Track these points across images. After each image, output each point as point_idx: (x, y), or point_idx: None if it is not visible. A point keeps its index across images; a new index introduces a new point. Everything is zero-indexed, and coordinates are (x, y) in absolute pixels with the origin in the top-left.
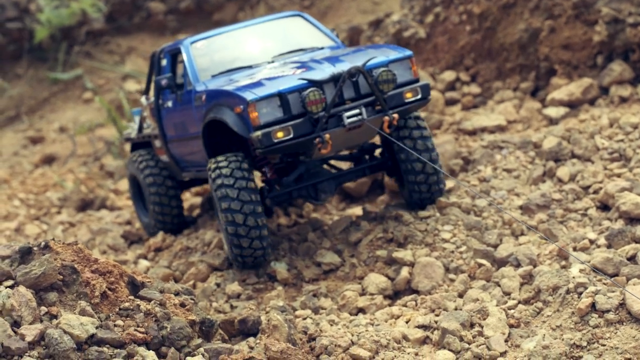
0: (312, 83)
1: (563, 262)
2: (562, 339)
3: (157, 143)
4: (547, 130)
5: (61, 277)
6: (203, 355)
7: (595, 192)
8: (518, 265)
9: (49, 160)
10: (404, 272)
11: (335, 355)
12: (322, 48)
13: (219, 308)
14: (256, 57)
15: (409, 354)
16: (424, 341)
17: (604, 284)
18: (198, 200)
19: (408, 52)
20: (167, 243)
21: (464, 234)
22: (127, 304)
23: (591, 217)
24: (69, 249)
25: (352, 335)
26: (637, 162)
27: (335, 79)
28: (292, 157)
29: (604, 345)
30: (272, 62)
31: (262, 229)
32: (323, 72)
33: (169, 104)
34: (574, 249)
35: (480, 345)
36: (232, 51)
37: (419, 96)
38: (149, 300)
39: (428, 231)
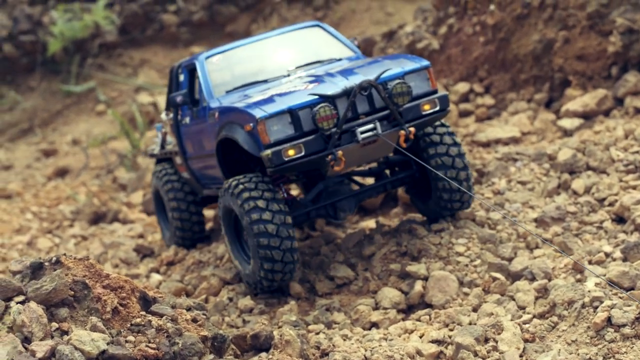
0: (323, 98)
1: (578, 276)
2: (578, 354)
3: (178, 160)
4: (562, 142)
5: (72, 292)
6: None
7: (611, 204)
8: (533, 279)
9: (61, 173)
10: (418, 286)
11: None
12: (340, 59)
13: (232, 323)
14: (272, 70)
15: None
16: (437, 356)
17: (620, 297)
18: (211, 213)
19: (425, 63)
20: (180, 257)
21: (478, 247)
22: (138, 320)
23: (607, 230)
24: (81, 264)
25: (366, 350)
26: None
27: (347, 93)
28: (309, 174)
29: (619, 359)
30: (288, 75)
31: (293, 241)
32: (335, 86)
33: (187, 120)
34: (589, 262)
35: None
36: (248, 65)
37: (437, 108)
38: (161, 315)
39: (442, 244)
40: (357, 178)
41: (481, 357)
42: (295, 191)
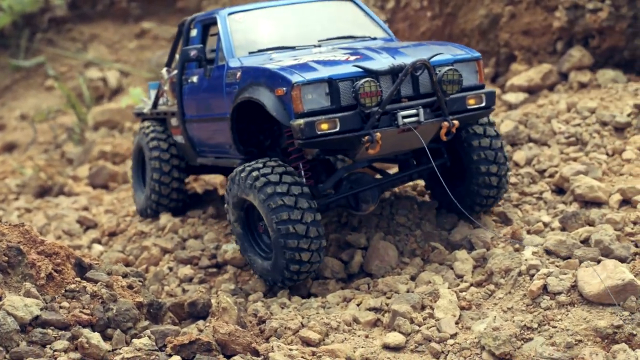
0: (368, 72)
1: (517, 245)
2: (513, 321)
3: (174, 121)
4: (505, 115)
5: (6, 258)
6: (149, 337)
7: (551, 175)
8: (472, 249)
9: (9, 147)
10: (358, 255)
11: (284, 338)
12: (374, 38)
13: (171, 292)
14: (301, 38)
15: (359, 336)
16: (374, 324)
17: (557, 266)
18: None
19: (476, 54)
20: (122, 228)
21: (418, 217)
22: (73, 286)
23: (546, 201)
24: (16, 231)
25: (303, 318)
26: (593, 146)
27: (394, 72)
28: (330, 155)
29: (554, 327)
30: (319, 46)
31: (322, 240)
32: (381, 62)
33: (194, 79)
34: (528, 232)
35: (430, 327)
36: (274, 29)
37: (483, 104)
38: (96, 282)
39: (383, 215)
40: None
41: (417, 324)
42: None
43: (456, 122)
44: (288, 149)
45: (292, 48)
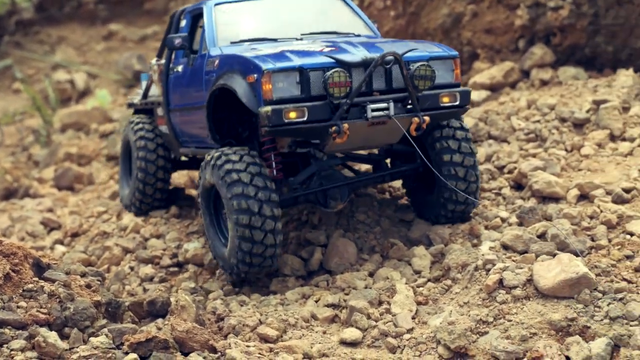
0: (339, 63)
1: (475, 241)
2: (469, 315)
3: (160, 111)
4: (467, 113)
5: None
6: (106, 335)
7: (510, 171)
8: (430, 245)
9: None
10: (317, 253)
11: (243, 335)
12: (358, 35)
13: (132, 291)
14: (284, 31)
15: (317, 332)
16: (332, 320)
17: (513, 260)
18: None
19: (453, 52)
20: (84, 228)
21: (377, 214)
22: (30, 285)
23: (505, 197)
24: None
25: (261, 315)
26: (552, 143)
27: (366, 64)
28: (303, 147)
29: (510, 320)
30: (301, 39)
31: (277, 221)
32: (354, 54)
33: (179, 68)
34: (486, 228)
35: (387, 323)
36: (259, 21)
37: (457, 102)
38: (54, 281)
39: (343, 213)
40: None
41: (374, 319)
42: None
43: (427, 118)
44: (261, 146)
45: (274, 40)
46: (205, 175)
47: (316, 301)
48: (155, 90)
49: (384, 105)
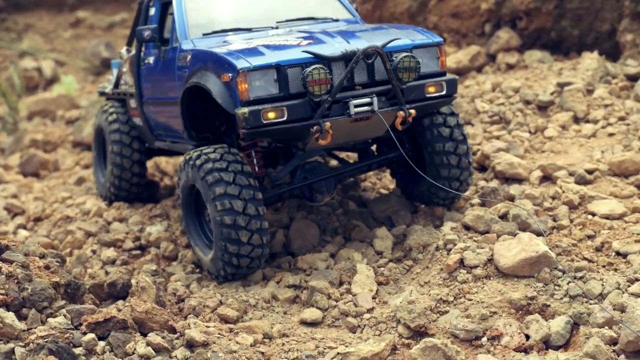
0: (318, 58)
1: (437, 222)
2: (429, 295)
3: (132, 103)
4: None
5: None
6: (65, 316)
7: (474, 153)
8: (392, 226)
9: None
10: (279, 234)
11: (203, 316)
12: (337, 20)
13: (93, 274)
14: (258, 19)
15: (277, 312)
16: (293, 300)
17: (474, 240)
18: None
19: (437, 39)
20: (47, 213)
21: (340, 195)
22: None
23: None
24: None
25: (222, 296)
26: (516, 125)
27: (347, 58)
28: (283, 144)
29: (470, 299)
30: (277, 27)
31: (263, 220)
32: (333, 47)
33: (150, 60)
34: (449, 209)
35: (347, 302)
36: (232, 9)
37: (444, 92)
38: (11, 262)
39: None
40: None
41: (334, 299)
42: None
43: (412, 112)
44: (240, 142)
45: (249, 30)
46: (184, 175)
47: (277, 282)
48: (127, 80)
49: (367, 100)
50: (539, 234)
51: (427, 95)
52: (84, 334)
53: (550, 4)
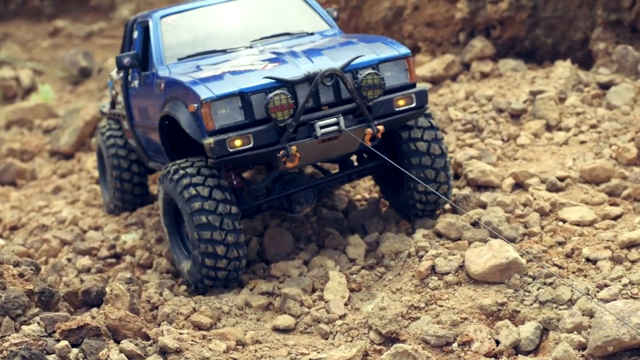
0: (280, 83)
1: (409, 229)
2: (401, 301)
3: (125, 125)
4: None
5: None
6: (39, 323)
7: None
8: (365, 233)
9: None
10: (253, 242)
11: (176, 323)
12: (312, 34)
13: (68, 282)
14: (234, 40)
15: (250, 319)
16: (266, 307)
17: (446, 247)
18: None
19: (404, 50)
20: (23, 222)
21: (315, 204)
22: None
23: None
24: None
25: (195, 303)
26: (489, 133)
27: (310, 80)
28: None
29: (441, 306)
30: (250, 47)
31: (239, 235)
32: (297, 69)
33: (135, 84)
34: (421, 217)
35: (320, 309)
36: (207, 31)
37: (413, 104)
38: None
39: None
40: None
41: (307, 306)
42: (246, 173)
43: (381, 128)
44: None
45: (223, 51)
46: (163, 188)
47: (251, 289)
48: (121, 101)
49: (333, 120)
50: (510, 240)
51: (397, 109)
52: (58, 341)
53: (524, 13)
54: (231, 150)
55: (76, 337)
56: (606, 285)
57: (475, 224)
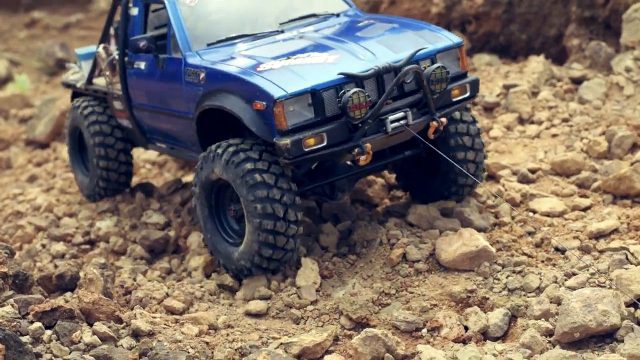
0: (353, 79)
1: (382, 218)
2: (372, 287)
3: (118, 105)
4: None
5: None
6: (12, 305)
7: None
8: (338, 222)
9: None
10: None
11: (149, 307)
12: (337, 15)
13: (42, 268)
14: (261, 23)
15: (223, 305)
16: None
17: (417, 236)
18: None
19: (457, 39)
20: None
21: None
22: None
23: None
24: None
25: (168, 288)
26: None
27: (380, 75)
28: None
29: (412, 292)
30: (282, 31)
31: (300, 227)
32: (363, 63)
33: (141, 65)
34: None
35: (291, 295)
36: (230, 13)
37: (467, 94)
38: None
39: None
40: None
41: (279, 291)
42: None
43: (444, 120)
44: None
45: (254, 35)
46: (212, 167)
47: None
48: (111, 80)
49: (401, 114)
50: (481, 230)
51: (453, 100)
52: (31, 322)
53: (499, 8)
54: (306, 149)
55: (50, 319)
56: (574, 274)
57: (445, 214)
